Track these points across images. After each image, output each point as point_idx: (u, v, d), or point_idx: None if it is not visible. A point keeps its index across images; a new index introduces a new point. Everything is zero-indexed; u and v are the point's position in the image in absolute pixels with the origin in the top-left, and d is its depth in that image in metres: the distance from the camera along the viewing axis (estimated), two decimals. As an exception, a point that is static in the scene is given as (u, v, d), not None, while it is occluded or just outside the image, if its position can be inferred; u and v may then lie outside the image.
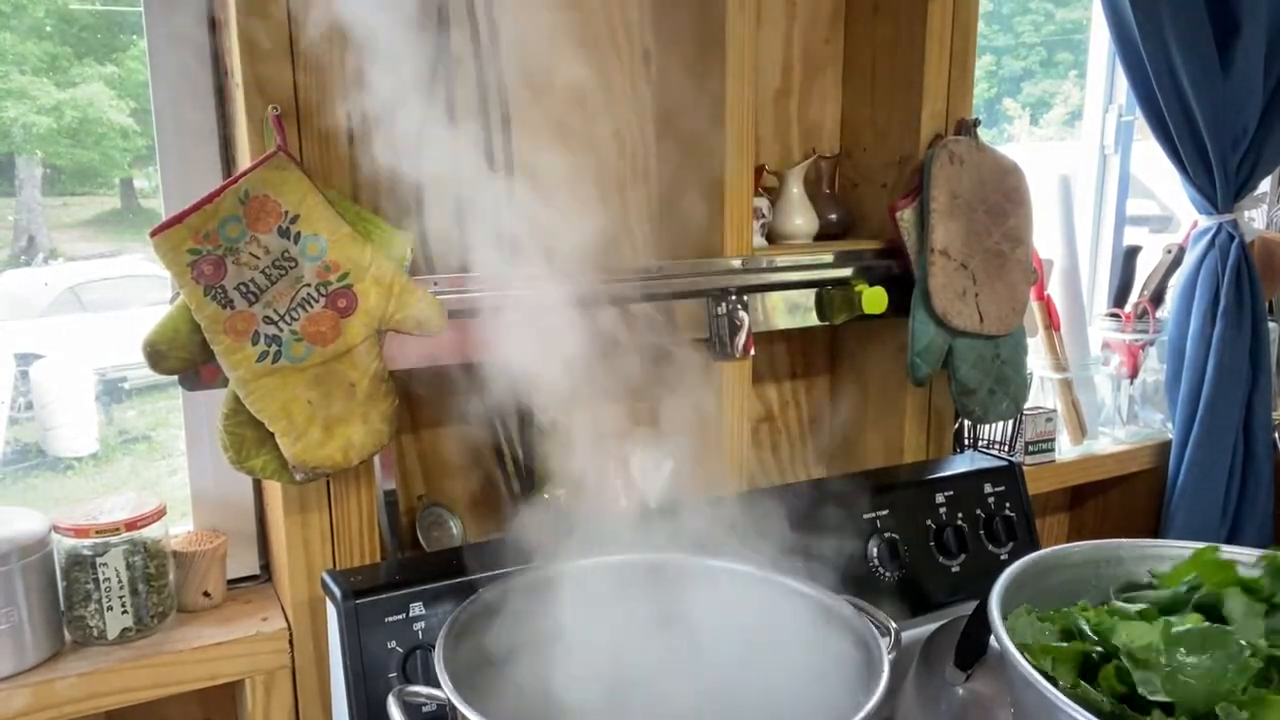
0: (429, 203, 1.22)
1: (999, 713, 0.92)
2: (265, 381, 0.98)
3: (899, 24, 1.45)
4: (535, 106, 1.33)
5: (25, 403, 1.53)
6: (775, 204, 1.47)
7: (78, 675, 1.02)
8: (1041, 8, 2.97)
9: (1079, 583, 0.94)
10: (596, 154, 1.39)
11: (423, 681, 0.94)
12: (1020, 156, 1.48)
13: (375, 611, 0.98)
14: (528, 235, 1.35)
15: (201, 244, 0.95)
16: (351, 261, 1.00)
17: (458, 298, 1.13)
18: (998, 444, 1.67)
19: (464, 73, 1.20)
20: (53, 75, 1.30)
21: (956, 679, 0.97)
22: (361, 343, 1.01)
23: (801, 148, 1.55)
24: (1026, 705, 0.77)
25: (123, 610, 1.07)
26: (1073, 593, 0.92)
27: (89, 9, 1.33)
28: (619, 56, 1.38)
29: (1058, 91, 2.86)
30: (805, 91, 1.54)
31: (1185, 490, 1.80)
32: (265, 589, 1.24)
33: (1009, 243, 1.45)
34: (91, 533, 1.05)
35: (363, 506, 1.12)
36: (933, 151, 1.39)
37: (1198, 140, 1.68)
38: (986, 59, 2.78)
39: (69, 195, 1.42)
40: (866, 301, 1.39)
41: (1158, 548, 0.97)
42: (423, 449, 1.33)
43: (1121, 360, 1.91)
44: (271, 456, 1.02)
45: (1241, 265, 1.76)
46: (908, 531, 1.26)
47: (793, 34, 1.51)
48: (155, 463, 1.49)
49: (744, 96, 1.28)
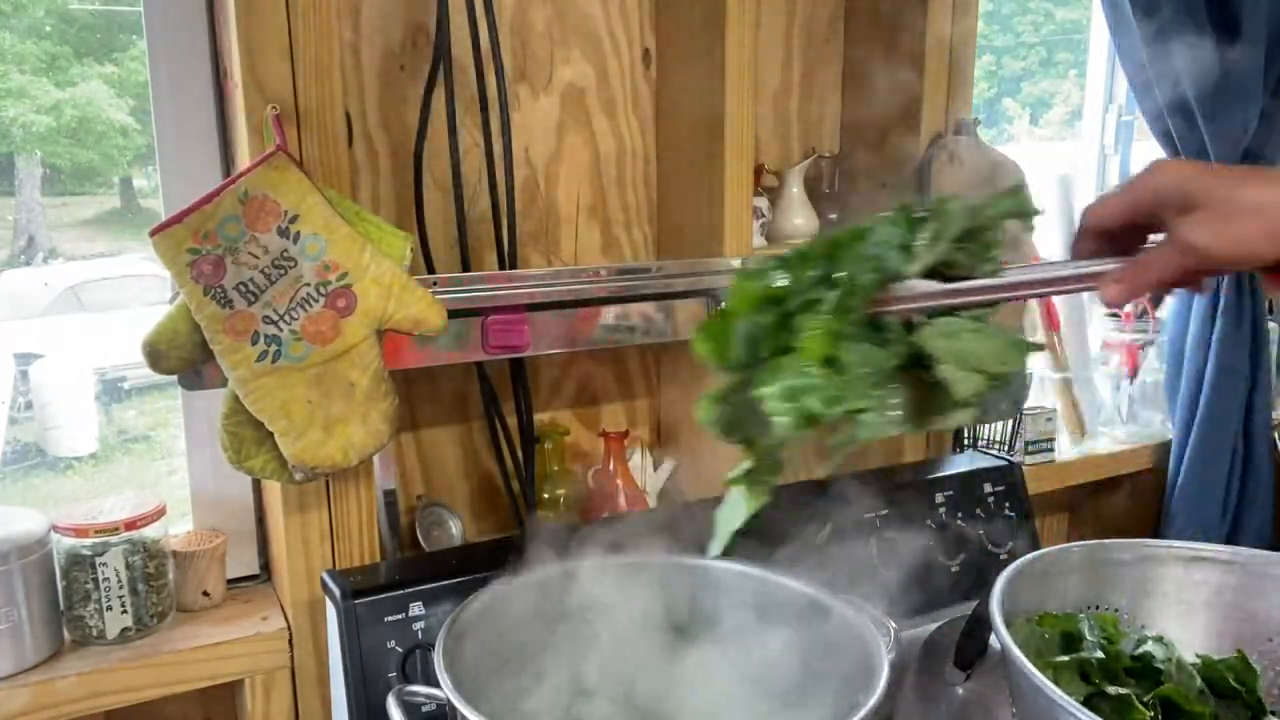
0: (429, 202, 1.23)
1: (999, 713, 0.92)
2: (265, 381, 0.98)
3: (899, 24, 1.45)
4: (535, 106, 1.33)
5: (25, 402, 1.53)
6: (775, 204, 1.47)
7: (77, 675, 1.02)
8: (1041, 8, 2.97)
9: (1079, 583, 0.94)
10: (596, 153, 1.39)
11: (422, 681, 0.94)
12: (1020, 156, 1.47)
13: (375, 611, 0.98)
14: (528, 236, 1.35)
15: (201, 243, 0.95)
16: (351, 261, 1.00)
17: (457, 298, 1.13)
18: (998, 444, 1.67)
19: (464, 73, 1.20)
20: (52, 75, 1.30)
21: (956, 679, 0.97)
22: (361, 342, 1.01)
23: (801, 147, 1.55)
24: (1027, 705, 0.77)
25: (122, 610, 1.07)
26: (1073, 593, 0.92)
27: (88, 9, 1.33)
28: (619, 56, 1.38)
29: (1058, 91, 2.86)
30: (805, 91, 1.54)
31: (1185, 490, 1.80)
32: (265, 589, 1.24)
33: (1009, 242, 1.44)
34: (91, 532, 1.04)
35: (362, 506, 1.12)
36: (932, 151, 1.39)
37: (1198, 140, 1.68)
38: (986, 59, 2.77)
39: (68, 195, 1.42)
40: (866, 301, 1.39)
41: (1158, 548, 0.97)
42: (423, 449, 1.33)
43: (1121, 360, 1.91)
44: (271, 456, 1.02)
45: (1241, 265, 1.76)
46: (907, 531, 1.26)
47: (793, 34, 1.51)
48: (155, 462, 1.49)
49: (744, 96, 1.28)
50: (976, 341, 0.61)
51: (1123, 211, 0.61)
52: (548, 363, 1.40)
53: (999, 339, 0.62)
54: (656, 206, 1.44)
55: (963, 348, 0.61)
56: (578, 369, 1.43)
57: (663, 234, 1.44)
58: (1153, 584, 0.96)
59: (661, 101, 1.41)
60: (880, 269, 0.61)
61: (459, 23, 1.17)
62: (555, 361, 1.40)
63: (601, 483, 1.34)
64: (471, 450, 1.36)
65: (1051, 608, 0.92)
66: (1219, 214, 0.55)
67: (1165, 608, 0.96)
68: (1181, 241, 0.56)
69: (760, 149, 1.49)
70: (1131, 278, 0.58)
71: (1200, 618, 0.95)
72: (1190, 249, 0.56)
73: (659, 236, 1.45)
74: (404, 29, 1.22)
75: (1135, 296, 0.59)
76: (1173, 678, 0.87)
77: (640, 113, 1.40)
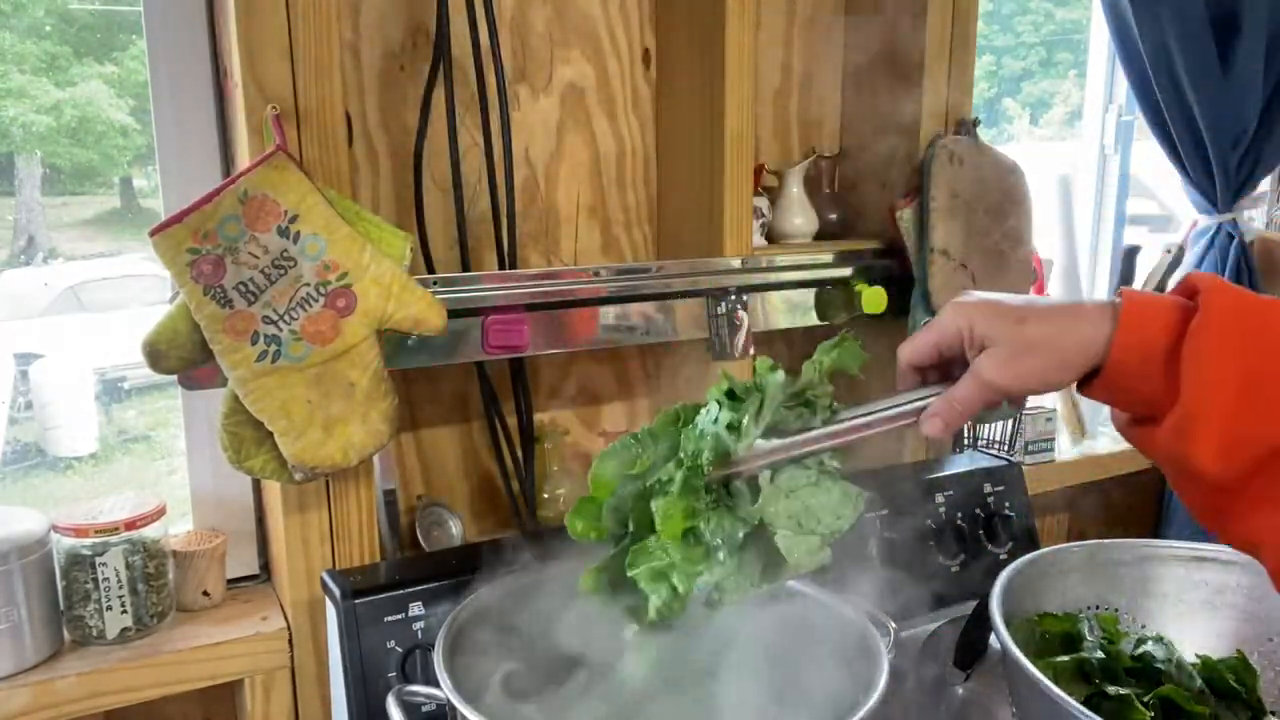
0: (429, 202, 1.23)
1: (999, 713, 0.92)
2: (264, 381, 0.98)
3: (899, 24, 1.45)
4: (535, 106, 1.33)
5: (25, 402, 1.53)
6: (775, 203, 1.47)
7: (77, 675, 1.02)
8: (1041, 8, 2.97)
9: (1079, 583, 0.94)
10: (596, 153, 1.39)
11: (422, 681, 0.94)
12: (1020, 156, 1.47)
13: (374, 611, 0.98)
14: (527, 236, 1.35)
15: (201, 243, 0.95)
16: (351, 261, 1.00)
17: (457, 298, 1.13)
18: (997, 444, 1.67)
19: (464, 73, 1.20)
20: (52, 75, 1.30)
21: (956, 679, 0.97)
22: (361, 342, 1.01)
23: (801, 147, 1.55)
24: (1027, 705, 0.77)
25: (122, 610, 1.07)
26: (1072, 593, 0.92)
27: (88, 9, 1.33)
28: (619, 56, 1.38)
29: (1058, 91, 2.86)
30: (805, 91, 1.54)
31: (1185, 490, 1.80)
32: (264, 589, 1.24)
33: (1009, 242, 1.44)
34: (91, 532, 1.04)
35: (362, 506, 1.12)
36: (933, 151, 1.39)
37: (1197, 140, 1.68)
38: (986, 59, 2.77)
39: (68, 195, 1.42)
40: (866, 301, 1.39)
41: (1158, 548, 0.97)
42: (423, 449, 1.33)
43: (1121, 360, 1.90)
44: (271, 456, 1.02)
45: (1241, 265, 1.76)
46: (907, 531, 1.26)
47: (793, 34, 1.51)
48: (154, 462, 1.49)
49: (744, 96, 1.28)
50: (814, 497, 0.70)
51: (930, 351, 0.67)
52: (548, 363, 1.40)
53: (834, 491, 0.70)
54: (656, 206, 1.44)
55: (800, 507, 0.69)
56: (578, 369, 1.43)
57: (663, 234, 1.44)
58: (1153, 584, 0.97)
59: (661, 101, 1.41)
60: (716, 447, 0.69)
61: (459, 23, 1.17)
62: (555, 361, 1.40)
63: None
64: (471, 450, 1.36)
65: (1051, 608, 0.93)
66: (1007, 353, 0.61)
67: (1165, 608, 0.96)
68: (979, 378, 0.63)
69: (760, 149, 1.49)
70: (945, 414, 0.64)
71: (1200, 618, 0.95)
72: (988, 385, 0.62)
73: (659, 236, 1.45)
74: (404, 29, 1.22)
75: (952, 429, 0.65)
76: (1173, 678, 0.87)
77: (640, 113, 1.40)
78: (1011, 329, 0.61)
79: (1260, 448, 0.55)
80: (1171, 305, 0.60)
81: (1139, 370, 0.59)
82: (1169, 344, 0.58)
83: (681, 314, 1.30)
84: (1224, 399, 0.56)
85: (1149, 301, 0.60)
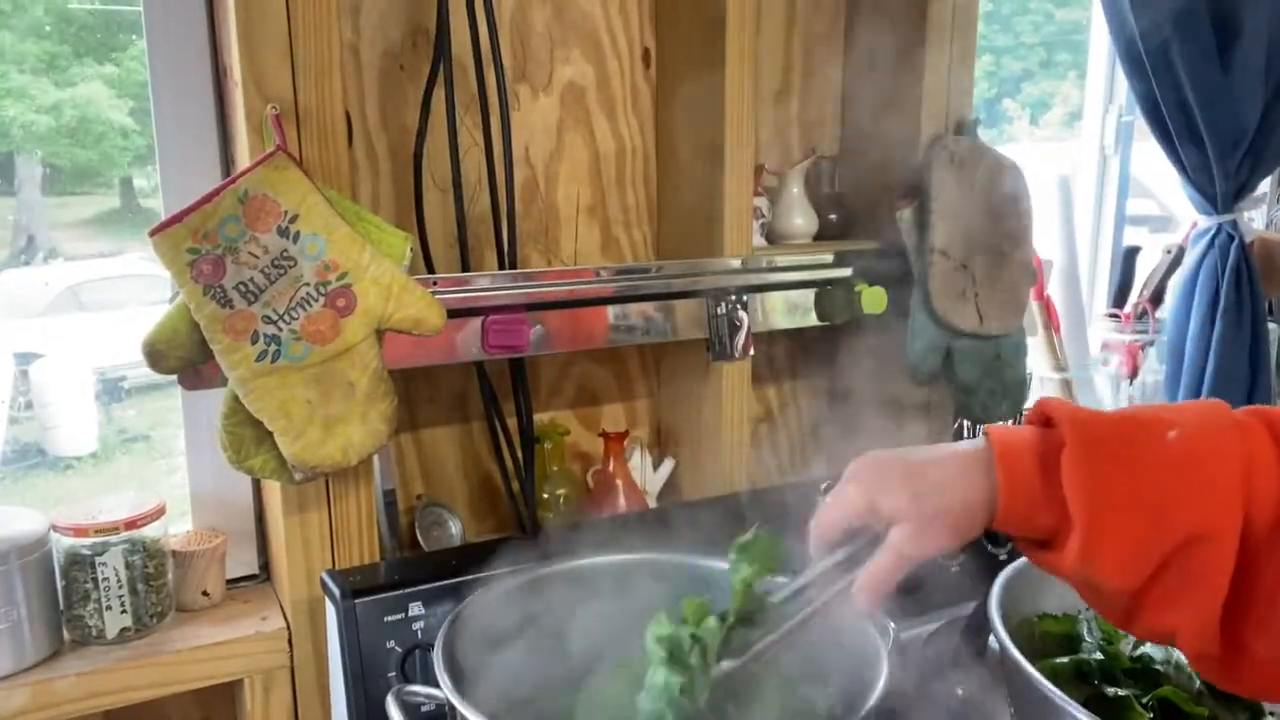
0: (429, 202, 1.23)
1: (998, 714, 0.92)
2: (264, 381, 0.98)
3: (899, 24, 1.45)
4: (535, 106, 1.33)
5: (25, 402, 1.53)
6: (775, 204, 1.47)
7: (76, 675, 1.02)
8: (1041, 8, 2.97)
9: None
10: (596, 153, 1.39)
11: (422, 681, 0.94)
12: (1020, 156, 1.47)
13: (374, 611, 0.98)
14: (528, 235, 1.35)
15: (201, 243, 0.95)
16: (351, 261, 1.00)
17: (457, 298, 1.13)
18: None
19: (464, 73, 1.20)
20: (52, 74, 1.30)
21: (956, 679, 0.97)
22: (361, 342, 1.01)
23: (801, 148, 1.55)
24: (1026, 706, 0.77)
25: (121, 610, 1.07)
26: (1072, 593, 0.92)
27: (88, 8, 1.33)
28: (619, 56, 1.38)
29: (1057, 92, 2.86)
30: (805, 91, 1.54)
31: (1184, 491, 1.80)
32: (264, 588, 1.24)
33: (1009, 243, 1.44)
34: (90, 532, 1.04)
35: (362, 506, 1.12)
36: (933, 151, 1.39)
37: (1197, 140, 1.68)
38: (986, 59, 2.77)
39: (68, 195, 1.42)
40: (866, 301, 1.39)
41: (1157, 548, 0.97)
42: (422, 449, 1.33)
43: (1121, 361, 1.91)
44: (270, 456, 1.02)
45: (1241, 266, 1.76)
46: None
47: (793, 34, 1.51)
48: (154, 462, 1.49)
49: (744, 96, 1.28)
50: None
51: (840, 528, 0.69)
52: (548, 363, 1.40)
53: None
54: (656, 206, 1.44)
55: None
56: (578, 369, 1.43)
57: (663, 234, 1.44)
58: (1152, 584, 0.96)
59: (661, 101, 1.41)
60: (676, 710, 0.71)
61: (459, 23, 1.17)
62: (555, 361, 1.40)
63: (601, 483, 1.34)
64: (471, 450, 1.36)
65: (1051, 608, 0.92)
66: (914, 529, 0.64)
67: (1165, 608, 0.96)
68: (897, 552, 0.65)
69: (760, 149, 1.49)
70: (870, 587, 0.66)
71: (1200, 618, 0.95)
72: (906, 558, 0.65)
73: (659, 236, 1.45)
74: (404, 29, 1.22)
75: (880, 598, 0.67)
76: (1171, 679, 0.87)
77: (640, 113, 1.40)
78: (911, 504, 0.64)
79: (1159, 552, 0.58)
80: (1034, 439, 0.63)
81: (1026, 511, 0.62)
82: (1045, 478, 0.61)
83: (681, 314, 1.30)
84: (1115, 519, 0.58)
85: (1013, 441, 0.63)
